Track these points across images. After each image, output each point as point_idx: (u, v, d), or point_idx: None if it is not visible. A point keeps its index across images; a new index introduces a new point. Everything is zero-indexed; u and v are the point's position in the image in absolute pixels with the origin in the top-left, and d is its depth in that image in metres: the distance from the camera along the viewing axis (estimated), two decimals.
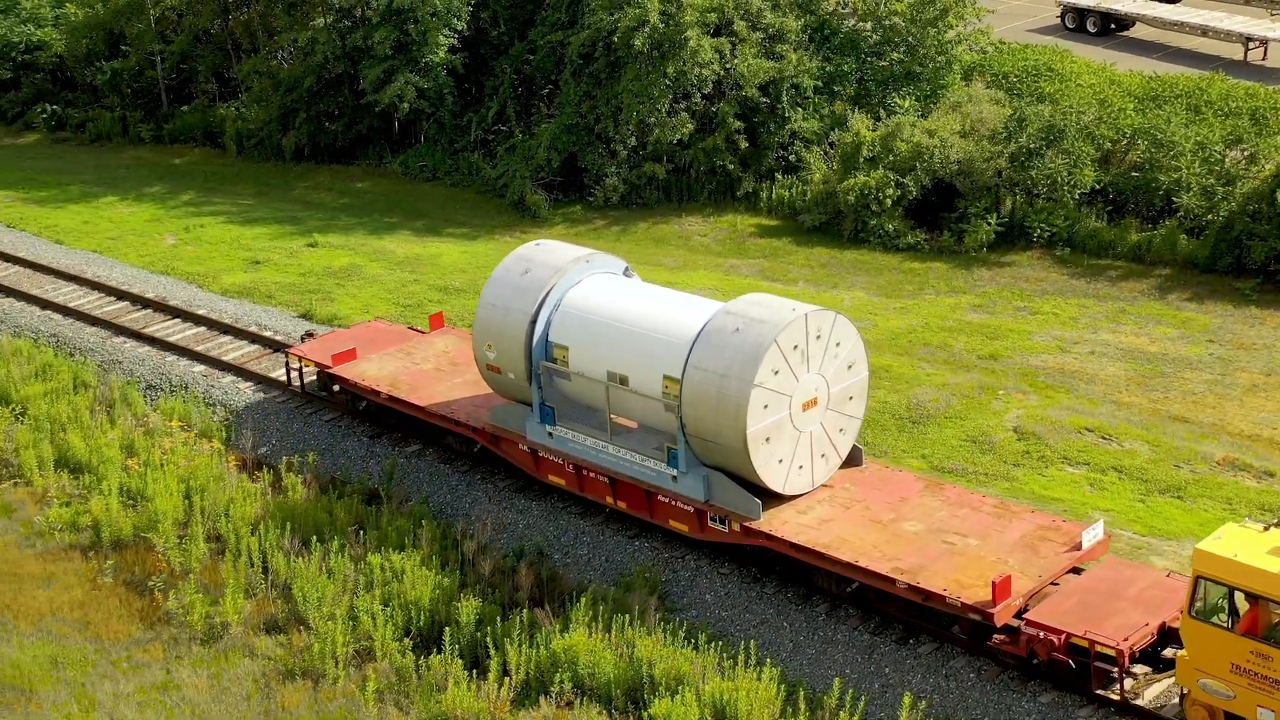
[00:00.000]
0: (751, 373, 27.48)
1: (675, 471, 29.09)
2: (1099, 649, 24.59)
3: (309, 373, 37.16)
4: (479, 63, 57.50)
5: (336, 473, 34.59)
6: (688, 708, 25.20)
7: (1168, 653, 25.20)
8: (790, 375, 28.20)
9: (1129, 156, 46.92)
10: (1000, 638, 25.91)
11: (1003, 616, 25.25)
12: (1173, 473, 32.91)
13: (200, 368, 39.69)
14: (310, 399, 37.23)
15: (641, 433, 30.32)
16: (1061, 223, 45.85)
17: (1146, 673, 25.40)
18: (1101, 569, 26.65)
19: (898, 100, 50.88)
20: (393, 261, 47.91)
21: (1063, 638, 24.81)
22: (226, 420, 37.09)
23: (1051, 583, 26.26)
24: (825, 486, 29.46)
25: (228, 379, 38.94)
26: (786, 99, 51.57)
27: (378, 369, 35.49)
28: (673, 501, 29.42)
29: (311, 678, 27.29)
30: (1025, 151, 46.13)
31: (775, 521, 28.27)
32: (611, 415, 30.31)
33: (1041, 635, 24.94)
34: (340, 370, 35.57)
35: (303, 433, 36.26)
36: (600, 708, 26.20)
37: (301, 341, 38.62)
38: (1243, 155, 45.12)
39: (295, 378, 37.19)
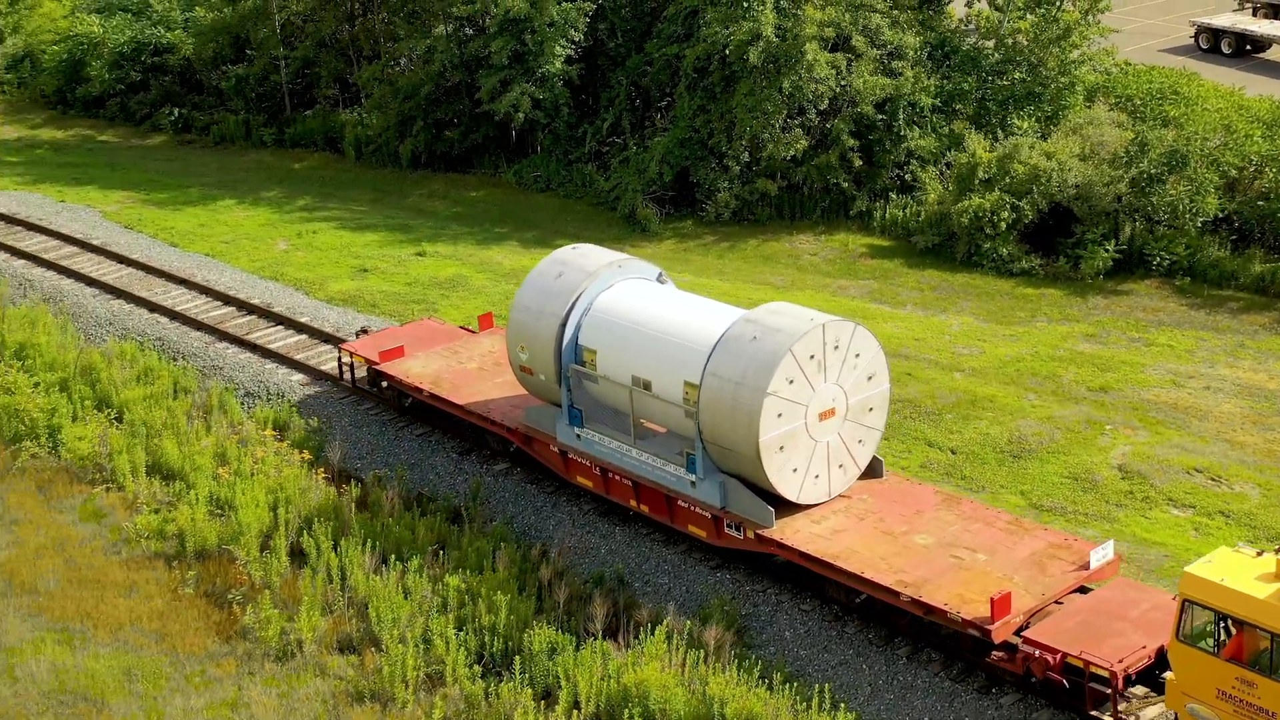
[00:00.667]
0: (765, 381, 27.60)
1: (694, 477, 29.36)
2: (1093, 670, 24.36)
3: (360, 368, 37.92)
4: (596, 74, 57.22)
5: (424, 488, 34.35)
6: None
7: (1167, 675, 24.49)
8: (806, 385, 28.24)
9: (1256, 184, 45.37)
10: (999, 655, 25.78)
11: (1001, 634, 25.17)
12: None
13: (298, 376, 39.71)
14: (399, 412, 37.35)
15: (664, 437, 30.63)
16: (1182, 251, 44.47)
17: (1145, 694, 25.00)
18: (1108, 589, 26.44)
19: (1017, 121, 49.68)
20: (499, 273, 47.69)
21: (1058, 657, 24.65)
22: (319, 430, 37.03)
23: (1056, 601, 26.11)
24: (843, 497, 29.49)
25: (323, 388, 38.91)
26: (903, 117, 50.62)
27: (423, 367, 36.09)
28: (691, 507, 29.66)
29: (380, 701, 27.00)
30: (1146, 177, 44.79)
31: (788, 530, 28.41)
32: (641, 420, 30.69)
33: (1037, 654, 24.80)
34: (387, 367, 36.27)
35: (393, 446, 36.10)
36: None
37: (355, 337, 39.28)
38: None
39: (347, 373, 38.12)
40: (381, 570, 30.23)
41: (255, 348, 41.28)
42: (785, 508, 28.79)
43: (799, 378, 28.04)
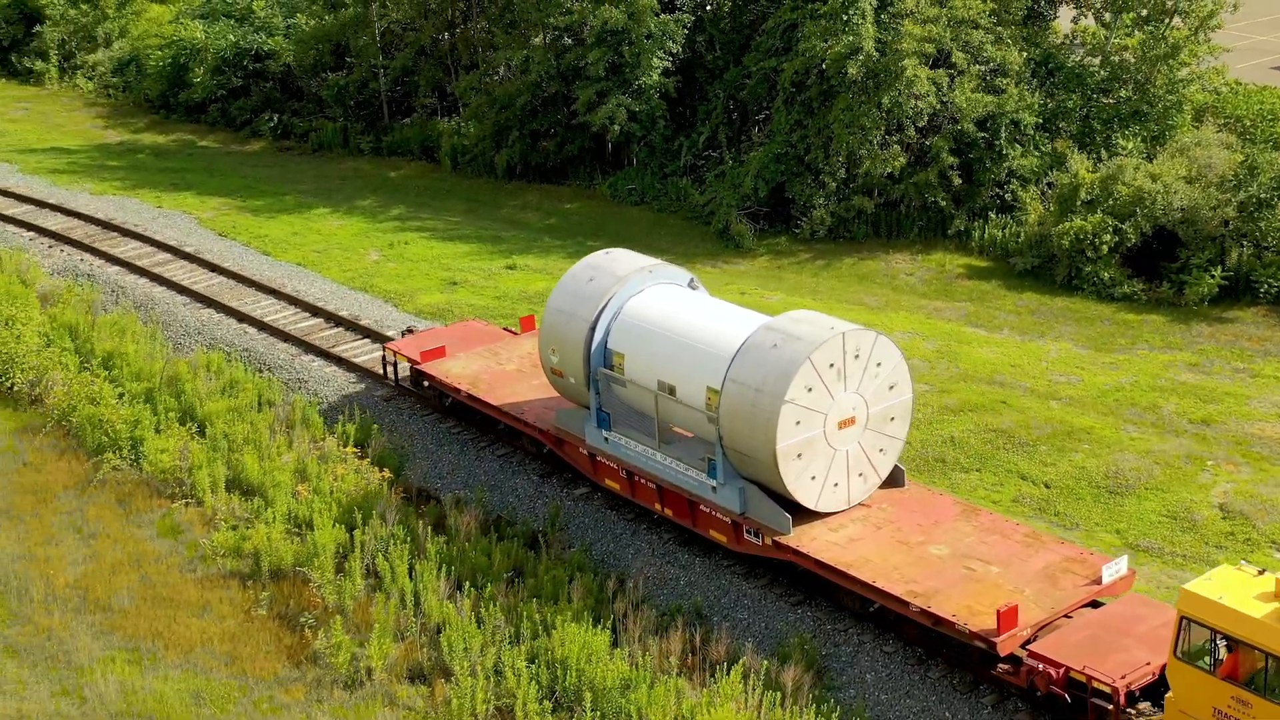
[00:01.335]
0: (783, 389, 27.75)
1: (715, 482, 29.61)
2: (1095, 685, 24.25)
3: (404, 368, 38.42)
4: (693, 86, 56.61)
5: (504, 511, 33.84)
6: None
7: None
8: (825, 393, 28.34)
9: None
10: (1005, 667, 25.59)
11: (1007, 646, 25.14)
12: None
13: (381, 391, 39.37)
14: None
15: (688, 442, 30.91)
16: None
17: (1149, 711, 24.58)
18: (1120, 605, 26.30)
19: (1122, 141, 48.40)
20: None
21: (1061, 671, 24.62)
22: (400, 448, 36.64)
23: (1066, 615, 26.02)
24: (863, 505, 29.59)
25: (407, 404, 38.54)
26: (1005, 135, 49.52)
27: (462, 367, 36.69)
28: (712, 512, 29.95)
29: None
30: (1255, 201, 43.41)
31: (804, 538, 28.54)
32: (673, 425, 30.99)
33: (1041, 667, 24.76)
34: (427, 366, 36.91)
35: (474, 466, 35.62)
36: None
37: (401, 337, 39.88)
38: None
39: (391, 372, 38.70)
40: (456, 596, 29.71)
41: (341, 361, 41.00)
42: (804, 515, 28.95)
43: (818, 386, 28.16)
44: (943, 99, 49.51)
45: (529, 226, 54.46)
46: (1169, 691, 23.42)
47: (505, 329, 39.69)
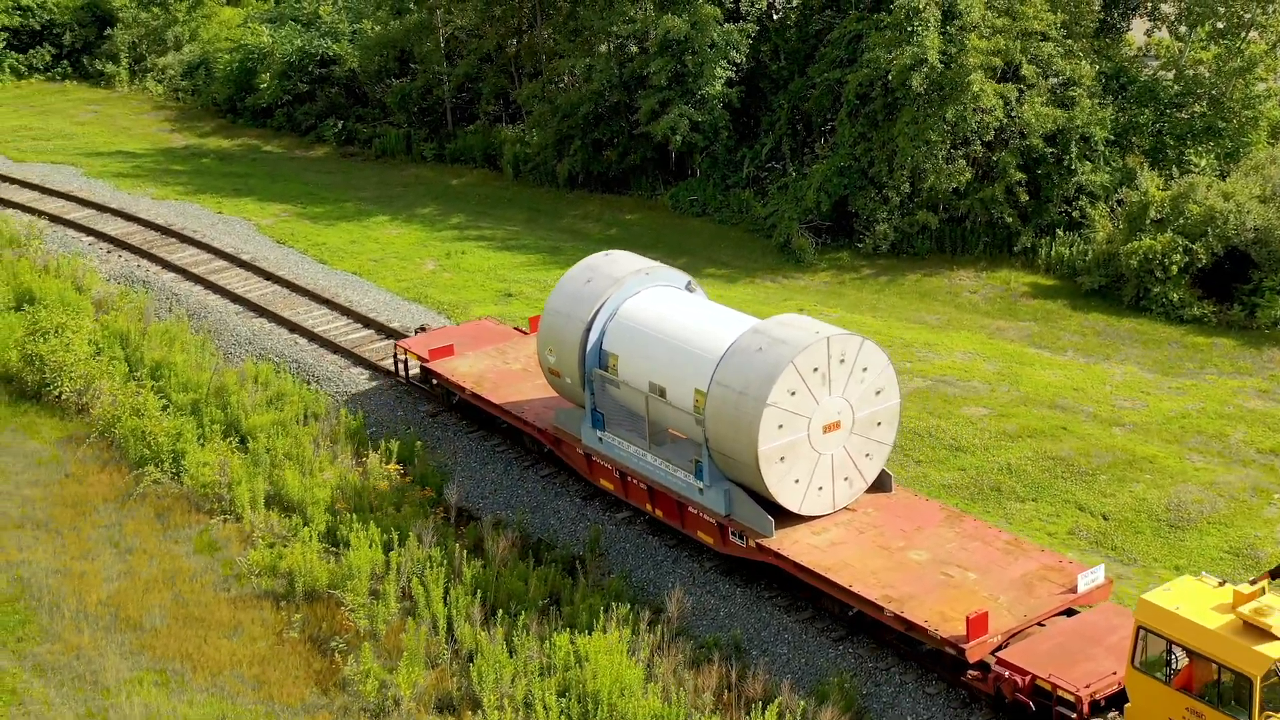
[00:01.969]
0: (766, 392, 27.91)
1: (701, 484, 29.84)
2: (1060, 693, 24.22)
3: (415, 366, 38.88)
4: (757, 97, 55.71)
5: (545, 534, 33.14)
6: None
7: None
8: (809, 397, 28.48)
9: None
10: (974, 674, 25.63)
11: (976, 653, 25.22)
12: None
13: (427, 407, 38.80)
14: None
15: (678, 444, 31.08)
16: None
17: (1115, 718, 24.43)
18: (1094, 614, 26.32)
19: (1194, 158, 47.06)
20: None
21: (1027, 679, 24.65)
22: (443, 466, 36.04)
23: (1039, 623, 26.03)
24: (848, 510, 29.74)
25: (452, 420, 37.94)
26: (1075, 150, 48.23)
27: (469, 366, 37.15)
28: (700, 513, 30.17)
29: None
30: None
31: (786, 541, 28.72)
32: (668, 428, 31.17)
33: (1007, 674, 24.82)
34: (435, 365, 37.39)
35: (517, 486, 34.96)
36: None
37: (414, 334, 40.32)
38: None
39: (401, 369, 39.15)
40: (491, 622, 29.01)
41: (389, 373, 40.46)
42: (788, 518, 29.12)
43: (801, 389, 28.30)
44: (1011, 113, 48.34)
45: (588, 237, 53.73)
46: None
47: (515, 328, 40.07)
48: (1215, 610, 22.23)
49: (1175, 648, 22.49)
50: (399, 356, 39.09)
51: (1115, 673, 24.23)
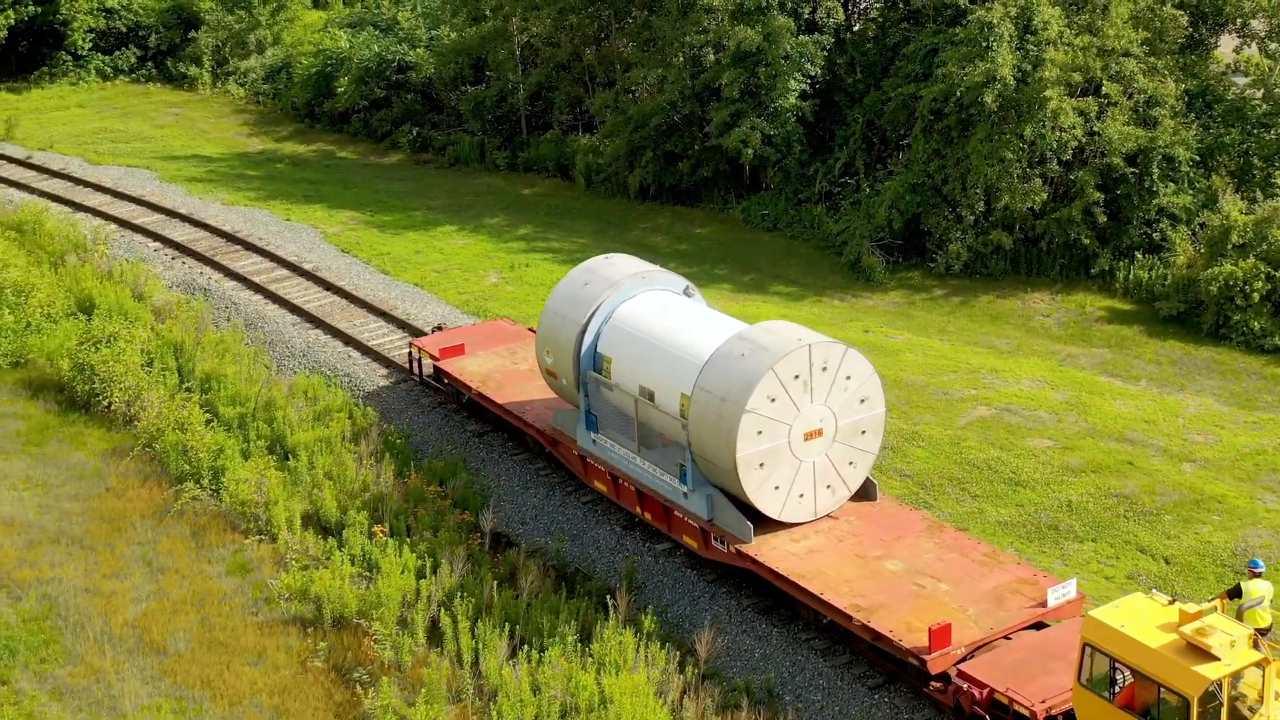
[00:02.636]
0: (745, 398, 28.04)
1: (686, 489, 29.99)
2: (1016, 707, 24.12)
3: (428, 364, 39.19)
4: (832, 110, 54.43)
5: (582, 563, 32.20)
6: None
7: None
8: (790, 404, 28.58)
9: None
10: (936, 685, 25.47)
11: (938, 665, 25.16)
12: None
13: (473, 425, 38.02)
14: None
15: (665, 448, 31.14)
16: None
17: None
18: (1062, 628, 26.07)
19: None
20: None
21: (985, 692, 24.55)
22: (484, 489, 35.21)
23: (1006, 636, 25.91)
24: (830, 517, 29.80)
25: (498, 439, 37.13)
26: (1157, 171, 46.56)
27: (478, 365, 37.56)
28: (685, 518, 30.27)
29: None
30: None
31: (765, 548, 28.80)
32: (658, 431, 31.17)
33: (965, 687, 24.74)
34: (444, 364, 37.82)
35: (557, 512, 34.06)
36: None
37: (431, 333, 40.62)
38: None
39: (416, 367, 39.39)
40: (517, 656, 28.10)
41: (439, 391, 39.70)
42: (769, 525, 29.21)
43: (782, 396, 28.39)
44: (1091, 131, 46.77)
45: (656, 251, 52.72)
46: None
47: (529, 329, 39.91)
48: (1160, 629, 22.23)
49: (1119, 666, 22.44)
50: (414, 354, 39.35)
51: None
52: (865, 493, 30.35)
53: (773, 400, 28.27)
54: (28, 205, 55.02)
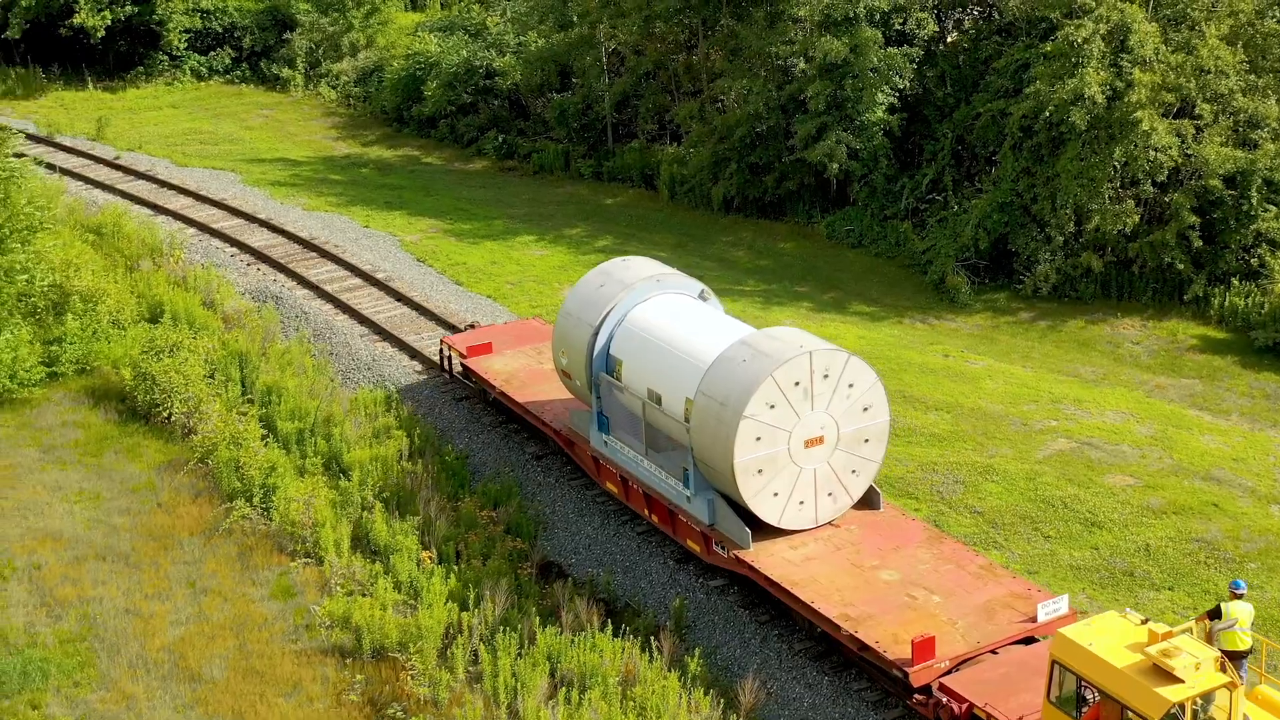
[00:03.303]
0: (743, 404, 27.97)
1: (689, 492, 30.02)
2: None
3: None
4: (920, 124, 52.91)
5: (633, 597, 31.12)
6: None
7: None
8: (790, 411, 28.47)
9: None
10: (919, 698, 25.18)
11: (920, 677, 24.94)
12: None
13: (533, 448, 37.06)
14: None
15: (672, 452, 30.95)
16: None
17: None
18: (1049, 645, 24.53)
19: None
20: None
21: (965, 707, 24.35)
22: (539, 515, 34.24)
23: (992, 650, 25.66)
24: (831, 525, 29.63)
25: (555, 463, 36.13)
26: (1256, 194, 44.65)
27: (503, 364, 37.85)
28: (688, 522, 30.23)
29: None
30: None
31: (762, 554, 28.71)
32: (667, 434, 30.97)
33: (945, 701, 24.54)
34: (471, 362, 38.24)
35: (610, 543, 32.99)
36: None
37: (464, 330, 41.06)
38: None
39: (447, 364, 39.73)
40: (557, 697, 27.06)
41: (500, 409, 38.78)
42: (769, 531, 29.11)
43: (781, 403, 28.28)
44: (1186, 152, 44.95)
45: (736, 266, 51.58)
46: None
47: None
48: (1128, 649, 21.98)
49: (1085, 685, 22.19)
50: (444, 351, 39.57)
51: None
52: (869, 501, 30.19)
53: (772, 406, 28.20)
54: (109, 207, 54.83)
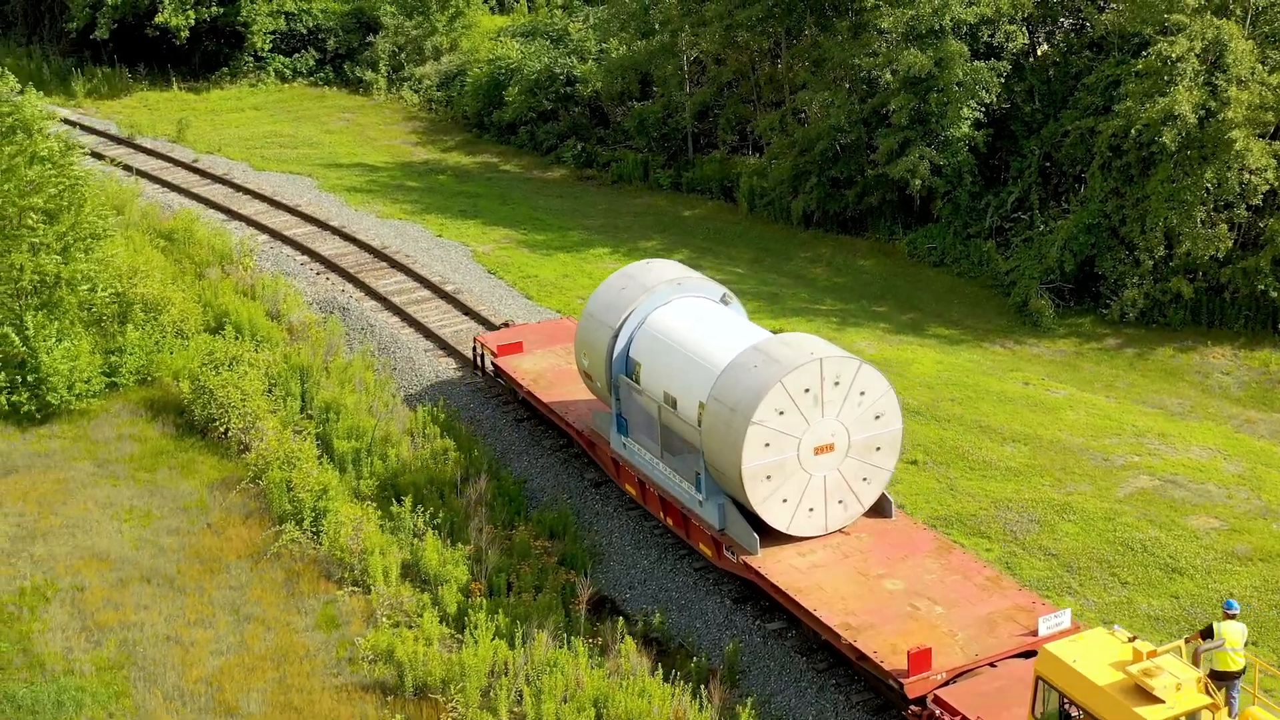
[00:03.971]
0: (752, 410, 27.98)
1: (700, 496, 30.12)
2: None
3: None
4: (1006, 140, 51.29)
5: (687, 637, 29.95)
6: None
7: None
8: (799, 417, 28.42)
9: None
10: (914, 709, 25.02)
11: (915, 689, 24.81)
12: None
13: (592, 474, 35.99)
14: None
15: (686, 455, 30.84)
16: None
17: None
18: None
19: None
20: None
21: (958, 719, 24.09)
22: (595, 546, 33.17)
23: (991, 663, 25.46)
24: (841, 533, 29.57)
25: (614, 493, 35.03)
26: None
27: (532, 364, 38.21)
28: (700, 526, 30.24)
29: None
30: None
31: (770, 560, 28.70)
32: (681, 438, 30.88)
33: (939, 713, 24.40)
34: (501, 360, 38.65)
35: (667, 578, 31.83)
36: None
37: (499, 328, 41.61)
38: None
39: (480, 362, 40.08)
40: None
41: (562, 433, 37.75)
42: (778, 537, 29.14)
43: (791, 409, 28.24)
44: None
45: (814, 284, 50.26)
46: None
47: None
48: (1112, 666, 21.67)
49: (1068, 702, 21.93)
50: (476, 349, 39.92)
51: None
52: (880, 509, 30.06)
53: (781, 413, 28.16)
54: (182, 212, 54.38)
